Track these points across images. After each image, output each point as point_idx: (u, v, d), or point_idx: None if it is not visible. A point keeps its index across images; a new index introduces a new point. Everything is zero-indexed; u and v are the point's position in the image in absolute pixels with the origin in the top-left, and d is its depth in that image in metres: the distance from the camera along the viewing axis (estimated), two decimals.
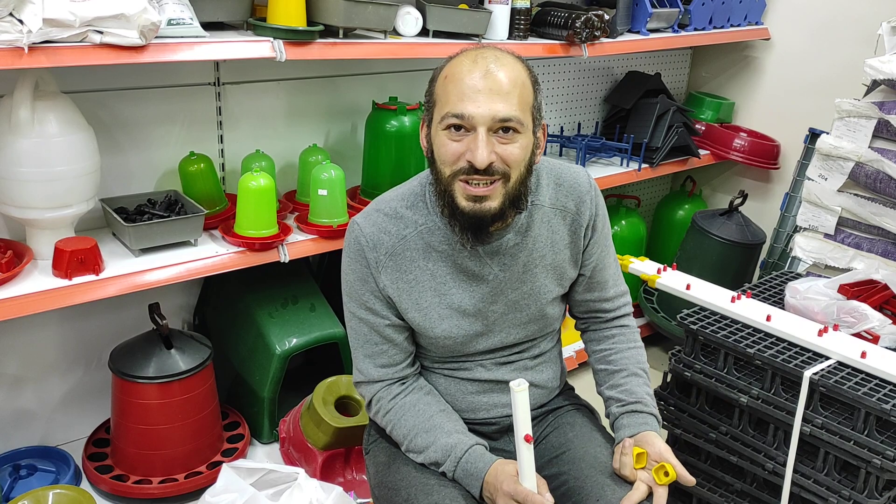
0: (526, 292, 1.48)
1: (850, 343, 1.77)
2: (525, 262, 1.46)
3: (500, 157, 1.31)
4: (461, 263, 1.44)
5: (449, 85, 1.32)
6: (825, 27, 3.06)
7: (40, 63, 1.56)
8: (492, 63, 1.31)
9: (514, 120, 1.30)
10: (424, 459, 1.44)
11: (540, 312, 1.51)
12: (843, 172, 2.25)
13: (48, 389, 2.18)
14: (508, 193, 1.34)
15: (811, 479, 1.71)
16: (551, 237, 1.48)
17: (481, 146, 1.29)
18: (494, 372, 1.52)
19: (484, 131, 1.29)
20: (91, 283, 1.78)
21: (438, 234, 1.43)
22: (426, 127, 1.40)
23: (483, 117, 1.29)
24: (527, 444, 1.30)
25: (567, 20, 2.51)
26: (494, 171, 1.31)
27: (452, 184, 1.34)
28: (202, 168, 2.13)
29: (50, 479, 2.03)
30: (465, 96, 1.29)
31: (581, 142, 2.90)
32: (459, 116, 1.30)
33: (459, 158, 1.31)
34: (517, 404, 1.29)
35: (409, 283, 1.44)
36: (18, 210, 1.79)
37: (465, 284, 1.45)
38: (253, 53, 1.86)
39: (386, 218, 1.45)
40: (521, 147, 1.33)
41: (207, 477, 2.04)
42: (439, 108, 1.34)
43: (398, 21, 2.17)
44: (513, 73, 1.32)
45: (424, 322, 1.46)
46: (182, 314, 2.42)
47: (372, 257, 1.44)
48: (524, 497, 1.30)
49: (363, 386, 1.53)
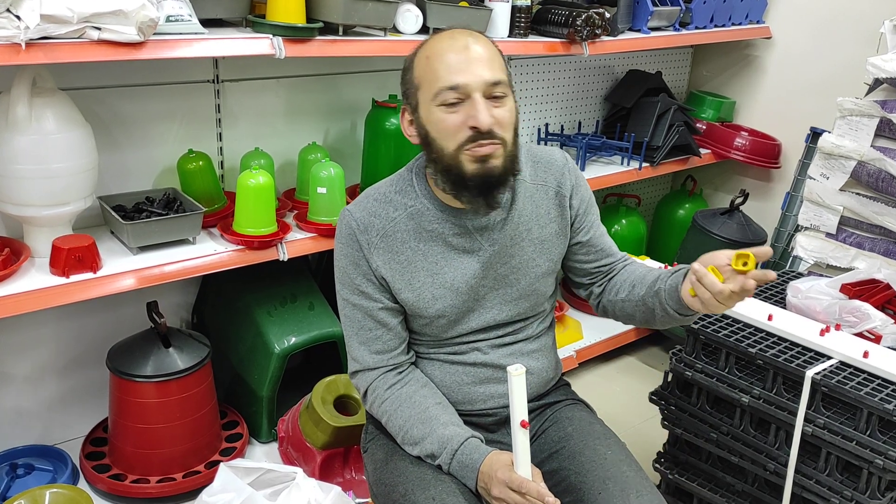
0: (514, 266, 1.51)
1: (853, 343, 1.76)
2: (512, 236, 1.50)
3: (497, 121, 1.37)
4: (451, 241, 1.48)
5: (434, 63, 1.38)
6: (827, 26, 3.05)
7: (38, 59, 1.55)
8: (468, 37, 1.40)
9: (502, 83, 1.37)
10: (420, 452, 1.44)
11: (530, 287, 1.54)
12: (845, 171, 2.24)
13: (45, 388, 2.18)
14: (507, 155, 1.40)
15: (813, 480, 1.70)
16: (535, 211, 1.53)
17: (481, 108, 1.34)
18: (491, 355, 1.54)
19: (479, 96, 1.35)
20: (89, 280, 1.77)
21: (428, 215, 1.47)
22: (409, 114, 1.45)
23: (477, 84, 1.35)
24: (523, 430, 1.30)
25: (568, 18, 2.50)
26: (495, 136, 1.37)
27: (458, 156, 1.37)
28: (201, 166, 2.12)
29: (47, 478, 2.02)
30: (453, 69, 1.35)
31: (581, 140, 2.89)
32: (454, 88, 1.35)
33: (460, 129, 1.36)
34: (514, 389, 1.29)
35: (401, 264, 1.47)
36: (16, 207, 1.78)
37: (456, 262, 1.48)
38: (252, 50, 1.85)
39: (376, 202, 1.49)
40: (510, 110, 1.40)
41: (205, 476, 2.03)
42: (427, 87, 1.39)
43: (398, 18, 2.17)
44: (488, 45, 1.41)
45: (418, 302, 1.48)
46: (180, 313, 2.41)
47: (364, 240, 1.47)
48: (519, 484, 1.30)
49: (358, 375, 1.54)
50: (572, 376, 2.81)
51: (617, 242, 1.69)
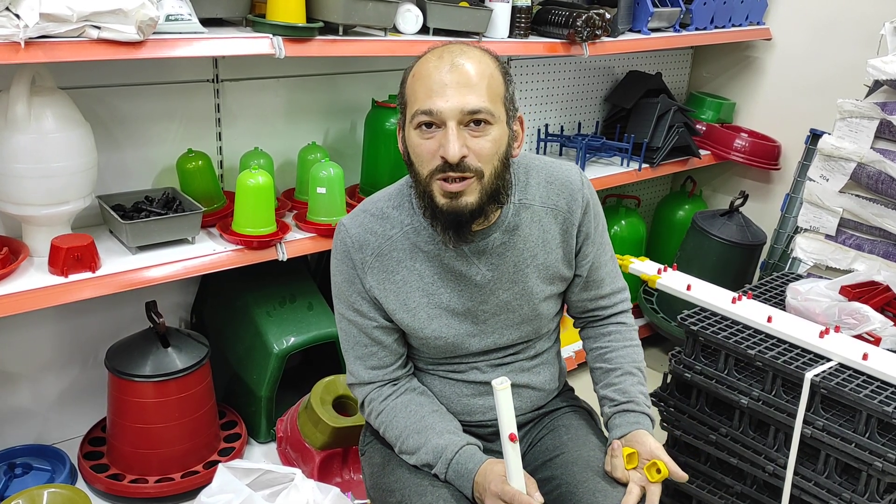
0: (518, 293, 1.47)
1: (852, 345, 1.76)
2: (515, 262, 1.45)
3: (473, 152, 1.29)
4: (448, 263, 1.43)
5: (417, 83, 1.32)
6: (826, 27, 3.06)
7: (37, 58, 1.55)
8: (458, 56, 1.30)
9: (483, 111, 1.28)
10: (417, 461, 1.43)
11: (533, 312, 1.50)
12: (845, 173, 2.24)
13: (44, 387, 2.17)
14: (484, 189, 1.32)
15: (812, 482, 1.70)
16: (542, 236, 1.46)
17: (452, 139, 1.27)
18: (490, 374, 1.51)
19: (454, 125, 1.27)
20: (87, 280, 1.76)
21: (424, 234, 1.42)
22: (401, 130, 1.39)
23: (452, 111, 1.27)
24: (512, 444, 1.29)
25: (568, 19, 2.50)
26: (467, 168, 1.29)
27: (431, 184, 1.32)
28: (200, 165, 2.12)
29: (45, 477, 2.02)
30: (432, 92, 1.28)
31: (581, 141, 2.89)
32: (428, 113, 1.28)
33: (434, 156, 1.30)
34: (500, 403, 1.28)
35: (396, 284, 1.44)
36: (14, 206, 1.77)
37: (452, 284, 1.44)
38: (252, 50, 1.85)
39: (372, 218, 1.45)
40: (493, 140, 1.31)
41: (204, 476, 2.03)
42: (409, 107, 1.33)
43: (398, 18, 2.17)
44: (480, 66, 1.31)
45: (413, 322, 1.45)
46: (179, 312, 2.40)
47: (358, 258, 1.43)
48: (511, 497, 1.29)
49: (355, 388, 1.53)
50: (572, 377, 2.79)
51: (616, 244, 1.68)
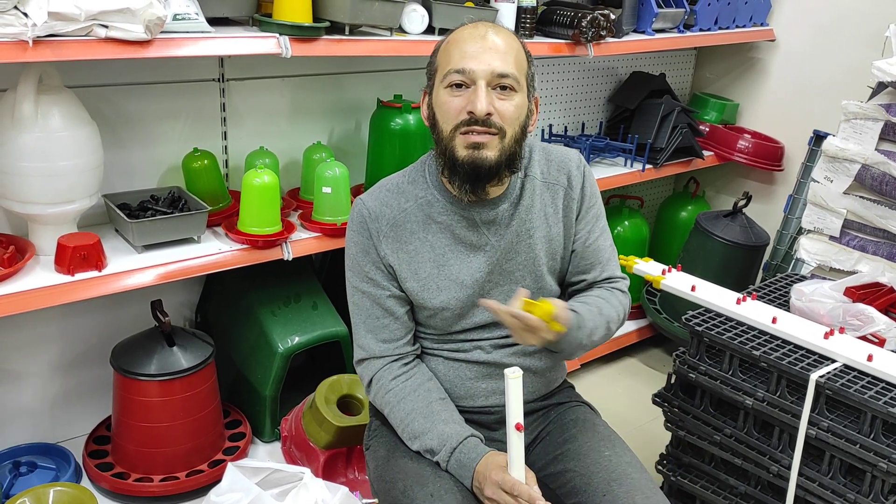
0: (520, 262, 1.53)
1: (857, 346, 1.76)
2: (518, 232, 1.52)
3: (498, 112, 1.39)
4: (459, 234, 1.50)
5: (451, 48, 1.43)
6: (830, 29, 3.06)
7: (45, 57, 1.55)
8: (490, 29, 1.44)
9: (510, 77, 1.40)
10: (420, 446, 1.46)
11: (535, 285, 1.55)
12: (849, 175, 2.24)
13: (49, 386, 2.17)
14: (504, 149, 1.41)
15: (816, 483, 1.70)
16: (544, 209, 1.54)
17: (481, 96, 1.38)
18: (493, 354, 1.55)
19: (483, 84, 1.38)
20: (93, 279, 1.77)
21: (437, 206, 1.51)
22: (427, 96, 1.50)
23: (483, 71, 1.38)
24: (518, 433, 1.31)
25: (573, 19, 2.50)
26: (492, 124, 1.39)
27: (454, 139, 1.41)
28: (206, 164, 2.12)
29: (50, 476, 2.02)
30: (466, 55, 1.40)
31: (585, 142, 2.90)
32: (461, 72, 1.39)
33: (460, 112, 1.40)
34: (510, 392, 1.30)
35: (408, 254, 1.50)
36: (21, 205, 1.78)
37: (463, 256, 1.51)
38: (258, 49, 1.85)
39: (388, 193, 1.54)
40: (517, 105, 1.42)
41: (209, 475, 2.03)
42: (441, 69, 1.44)
43: (404, 18, 2.17)
44: (509, 39, 1.44)
45: (423, 292, 1.50)
46: (184, 311, 2.41)
47: (374, 227, 1.50)
48: (511, 486, 1.31)
49: (364, 364, 1.55)
50: (574, 377, 2.80)
51: (619, 244, 1.69)
